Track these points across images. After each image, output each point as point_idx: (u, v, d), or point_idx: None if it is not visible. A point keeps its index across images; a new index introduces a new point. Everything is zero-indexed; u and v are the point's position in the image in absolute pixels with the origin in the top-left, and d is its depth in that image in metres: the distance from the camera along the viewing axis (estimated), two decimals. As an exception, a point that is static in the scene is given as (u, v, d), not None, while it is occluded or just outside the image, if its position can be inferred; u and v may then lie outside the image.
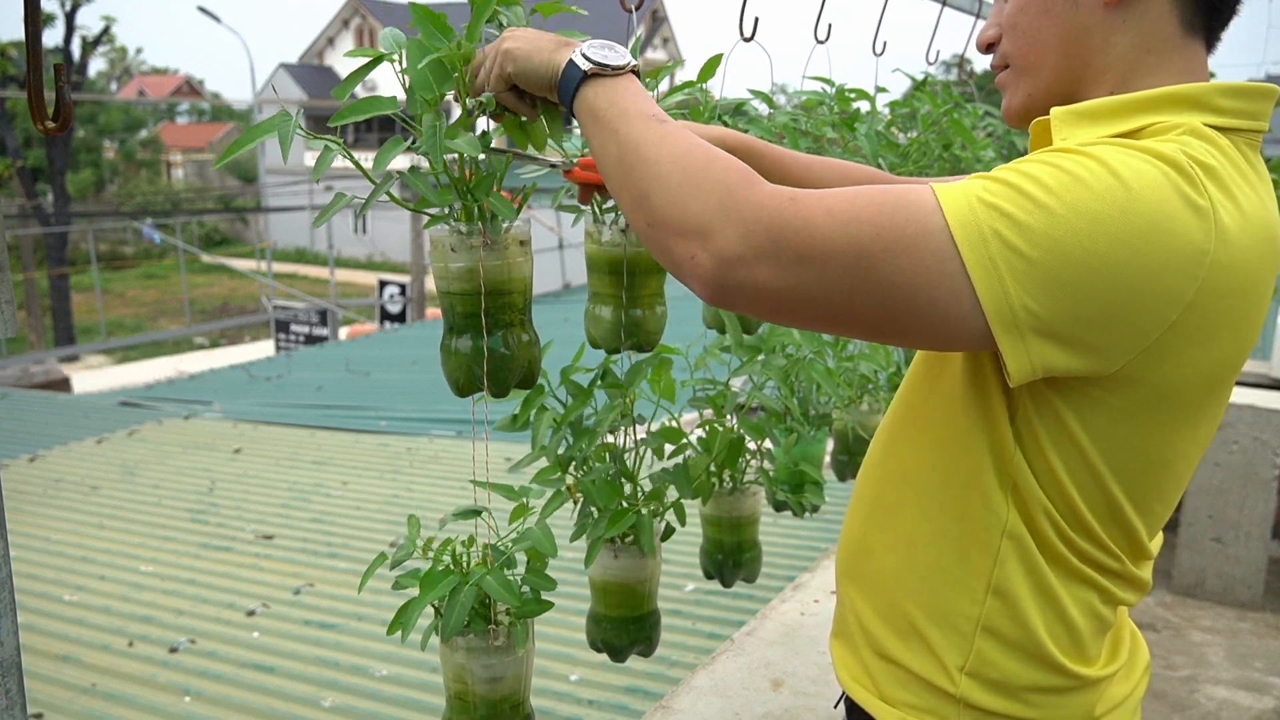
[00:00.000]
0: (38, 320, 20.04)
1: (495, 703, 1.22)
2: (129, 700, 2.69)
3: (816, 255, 0.77)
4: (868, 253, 0.76)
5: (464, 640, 1.20)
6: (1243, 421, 3.25)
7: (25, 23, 0.81)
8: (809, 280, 0.78)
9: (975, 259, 0.74)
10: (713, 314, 1.64)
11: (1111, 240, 0.73)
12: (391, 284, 16.59)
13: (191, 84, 43.95)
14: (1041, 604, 0.91)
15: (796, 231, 0.78)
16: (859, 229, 0.77)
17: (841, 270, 0.77)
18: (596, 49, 0.95)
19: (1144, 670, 1.06)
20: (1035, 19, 0.90)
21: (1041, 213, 0.74)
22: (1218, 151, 0.80)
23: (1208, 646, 3.04)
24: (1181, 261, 0.75)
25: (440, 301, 1.12)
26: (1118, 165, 0.75)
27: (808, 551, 3.43)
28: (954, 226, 0.75)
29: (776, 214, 0.79)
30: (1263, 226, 0.81)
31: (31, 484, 4.80)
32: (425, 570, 1.19)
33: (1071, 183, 0.74)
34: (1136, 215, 0.73)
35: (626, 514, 1.37)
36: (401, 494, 4.50)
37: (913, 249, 0.76)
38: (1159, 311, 0.76)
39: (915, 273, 0.76)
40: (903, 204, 0.77)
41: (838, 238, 0.77)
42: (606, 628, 1.51)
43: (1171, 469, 0.89)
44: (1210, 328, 0.79)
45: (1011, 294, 0.74)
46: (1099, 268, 0.73)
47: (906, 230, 0.76)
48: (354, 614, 3.16)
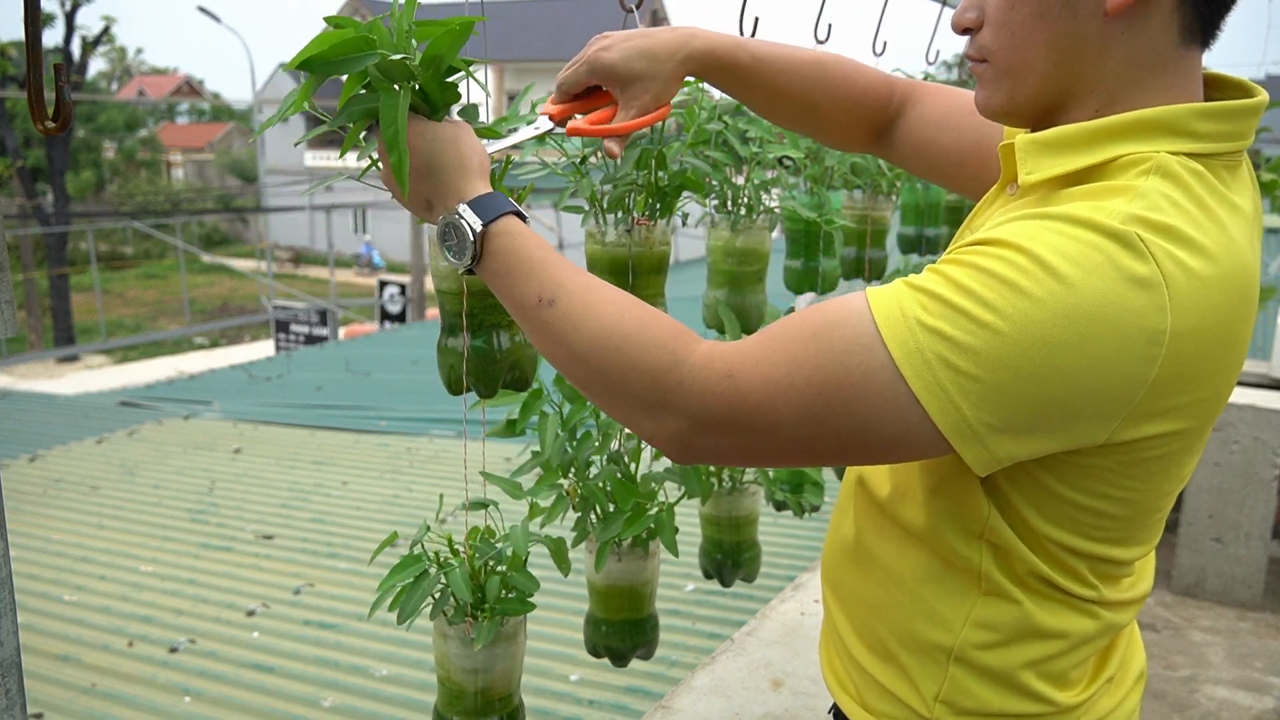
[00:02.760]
0: (38, 320, 20.04)
1: (476, 693, 1.23)
2: (129, 700, 2.69)
3: (766, 426, 0.78)
4: (816, 413, 0.77)
5: (450, 629, 1.22)
6: (1243, 421, 3.25)
7: (25, 23, 0.81)
8: (766, 443, 0.80)
9: (924, 387, 0.73)
10: (712, 314, 1.64)
11: (1060, 348, 0.71)
12: (391, 284, 16.59)
13: (191, 84, 43.94)
14: (1019, 633, 0.89)
15: (741, 411, 0.78)
16: (802, 393, 0.77)
17: (796, 432, 0.78)
18: (454, 234, 0.90)
19: (1136, 678, 1.02)
20: (1028, 21, 0.82)
21: (985, 333, 0.72)
22: (1182, 193, 0.76)
23: (1208, 646, 3.04)
24: (1135, 348, 0.72)
25: (438, 300, 1.12)
26: (1053, 260, 0.71)
27: (808, 551, 3.43)
28: (898, 359, 0.74)
29: (716, 399, 0.79)
30: (1234, 268, 0.76)
31: (31, 484, 4.80)
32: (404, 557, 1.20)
33: (1009, 293, 0.71)
34: (1081, 316, 0.70)
35: (643, 515, 1.37)
36: (401, 494, 4.50)
37: (861, 395, 0.75)
38: (1120, 397, 0.73)
39: (867, 415, 0.76)
40: (841, 348, 0.76)
41: (783, 409, 0.77)
42: (608, 632, 1.51)
43: (1162, 506, 0.87)
44: (1185, 386, 0.76)
45: (966, 414, 0.73)
46: (1049, 376, 0.71)
47: (850, 378, 0.75)
48: (354, 614, 3.16)
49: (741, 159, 1.54)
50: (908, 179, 2.10)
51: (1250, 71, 11.45)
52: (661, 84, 1.04)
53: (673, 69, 1.05)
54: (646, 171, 1.30)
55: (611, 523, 1.38)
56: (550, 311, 0.86)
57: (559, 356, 0.87)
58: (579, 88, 1.06)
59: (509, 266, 0.89)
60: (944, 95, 1.16)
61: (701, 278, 1.67)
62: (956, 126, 1.12)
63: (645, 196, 1.31)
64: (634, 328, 0.83)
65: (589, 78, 1.04)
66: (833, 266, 1.84)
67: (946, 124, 1.13)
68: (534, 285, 0.87)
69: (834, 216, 1.77)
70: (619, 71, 1.03)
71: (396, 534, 1.26)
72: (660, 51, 1.03)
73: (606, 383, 0.84)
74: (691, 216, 1.56)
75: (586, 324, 0.84)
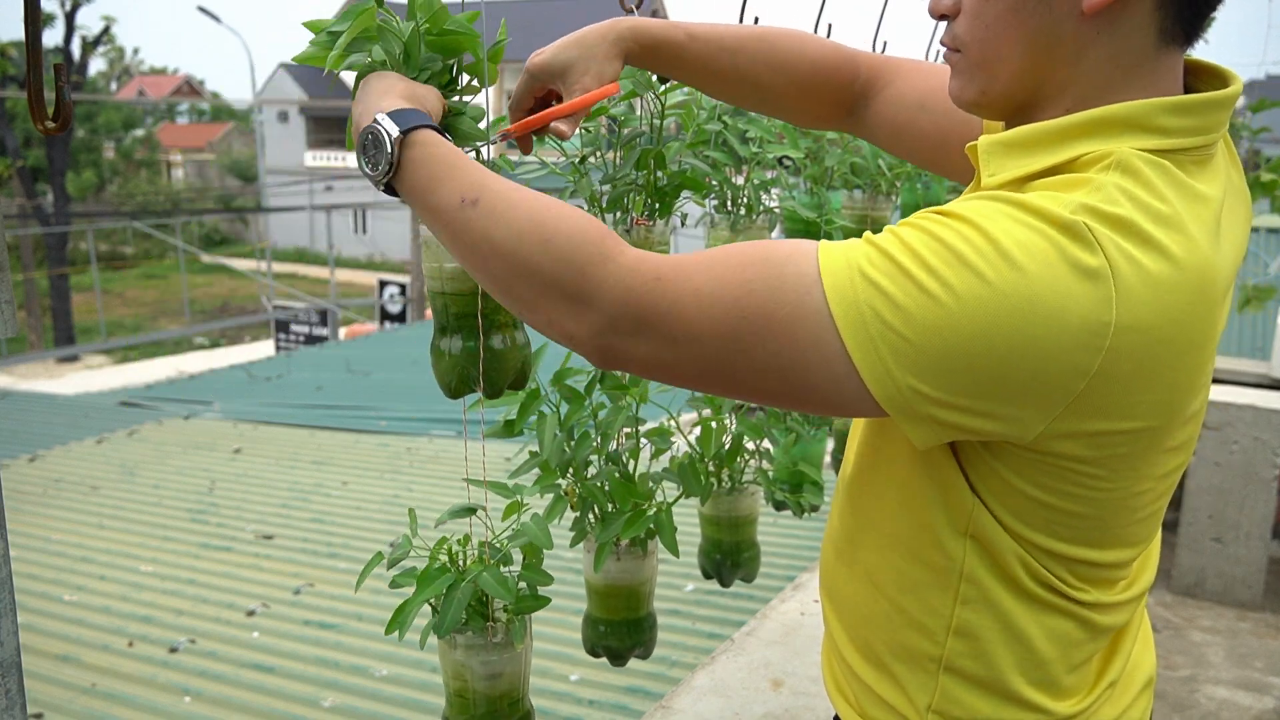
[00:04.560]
0: (38, 320, 20.04)
1: (494, 699, 1.22)
2: (129, 700, 2.69)
3: (686, 338, 0.77)
4: (737, 336, 0.75)
5: (462, 638, 1.20)
6: (1243, 421, 3.25)
7: (25, 23, 0.81)
8: (685, 357, 0.78)
9: (854, 337, 0.73)
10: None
11: (995, 326, 0.70)
12: (391, 284, 16.58)
13: (191, 84, 43.95)
14: (1007, 640, 0.87)
15: (663, 315, 0.77)
16: (726, 313, 0.75)
17: (715, 351, 0.77)
18: (372, 143, 0.89)
19: (1144, 685, 0.99)
20: (1003, 15, 0.81)
21: (922, 296, 0.71)
22: (1142, 189, 0.74)
23: (1208, 646, 3.04)
24: (1077, 338, 0.70)
25: (431, 302, 1.11)
26: (1004, 239, 0.71)
27: (807, 551, 3.43)
28: (833, 303, 0.73)
29: (641, 296, 0.78)
30: (1195, 270, 0.74)
31: (31, 484, 4.80)
32: (422, 569, 1.19)
33: (954, 262, 0.71)
34: (1022, 298, 0.69)
35: (643, 515, 1.37)
36: (401, 494, 4.50)
37: (788, 331, 0.74)
38: (1060, 385, 0.72)
39: (792, 354, 0.75)
40: (777, 279, 0.75)
41: (704, 323, 0.76)
42: (607, 632, 1.51)
43: (1136, 506, 0.84)
44: (1133, 384, 0.74)
45: (895, 376, 0.72)
46: (984, 352, 0.70)
47: (780, 311, 0.74)
48: (354, 614, 3.16)
49: (741, 159, 1.54)
50: (908, 179, 2.10)
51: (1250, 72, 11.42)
52: (598, 64, 1.04)
53: (606, 49, 1.05)
54: (646, 171, 1.30)
55: (611, 523, 1.38)
56: (473, 210, 0.84)
57: (481, 256, 0.84)
58: (528, 100, 1.07)
59: (429, 173, 0.87)
60: (922, 74, 1.12)
61: (701, 278, 1.67)
62: (936, 109, 1.09)
63: (644, 197, 1.31)
64: (562, 223, 0.81)
65: (530, 84, 1.06)
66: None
67: (925, 105, 1.10)
68: (455, 186, 0.86)
69: (834, 216, 1.77)
70: (553, 65, 1.04)
71: (380, 554, 1.25)
72: (590, 36, 1.04)
73: (530, 277, 0.81)
74: (691, 216, 1.56)
75: (512, 218, 0.82)
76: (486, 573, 1.16)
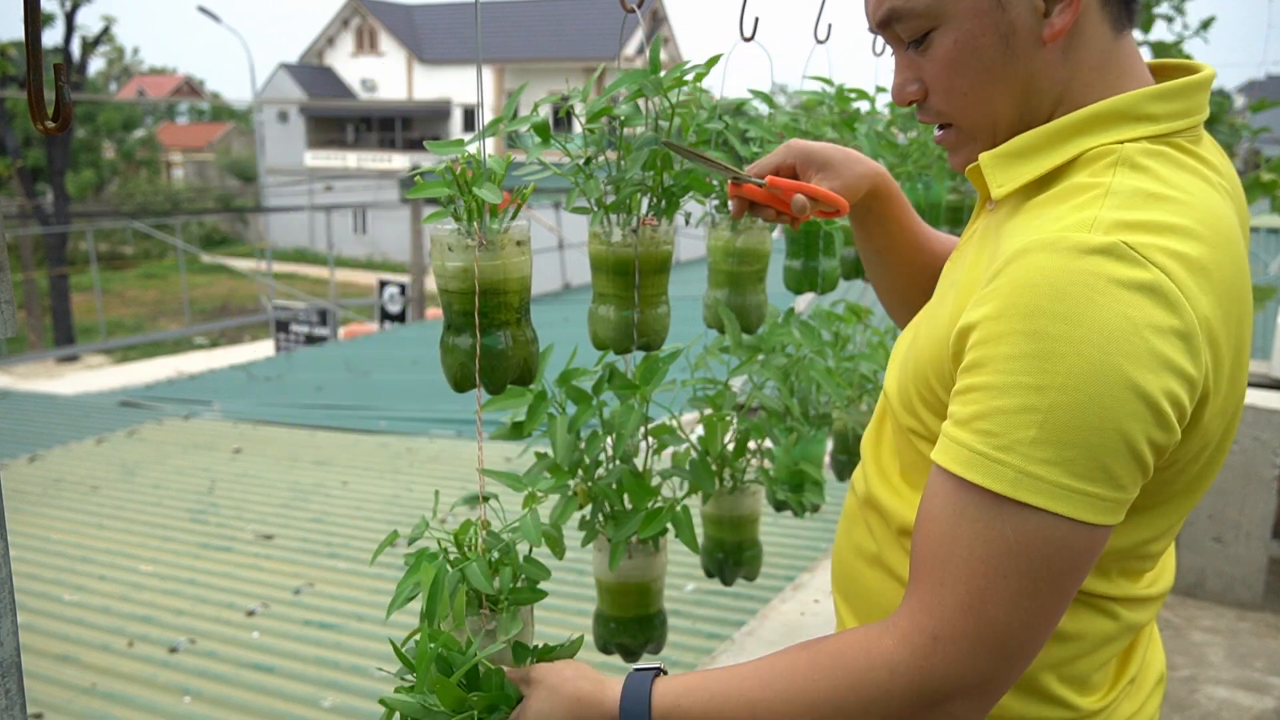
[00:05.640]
0: (38, 320, 20.04)
1: None
2: (129, 700, 2.69)
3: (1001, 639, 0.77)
4: (1032, 603, 0.76)
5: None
6: (1243, 421, 3.25)
7: (25, 23, 0.81)
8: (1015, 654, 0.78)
9: (1047, 499, 0.73)
10: (712, 314, 1.64)
11: (1105, 382, 0.71)
12: (391, 284, 16.58)
13: (191, 84, 43.94)
14: None
15: (978, 647, 0.77)
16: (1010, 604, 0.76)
17: (1024, 624, 0.77)
18: None
19: (1157, 681, 1.01)
20: (976, 79, 0.84)
21: (1042, 408, 0.72)
22: (1152, 181, 0.77)
23: (1208, 646, 3.04)
24: (1170, 361, 0.72)
25: (440, 299, 1.13)
26: (1053, 306, 0.72)
27: (808, 551, 3.43)
28: (1017, 496, 0.74)
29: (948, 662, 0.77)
30: (1222, 234, 0.78)
31: (31, 484, 4.80)
32: (413, 556, 1.20)
33: (1037, 362, 0.73)
34: (1105, 343, 0.71)
35: (660, 514, 1.37)
36: (401, 494, 4.50)
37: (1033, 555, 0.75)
38: (1185, 396, 0.74)
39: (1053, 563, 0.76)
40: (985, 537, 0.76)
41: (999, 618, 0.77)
42: (619, 629, 1.51)
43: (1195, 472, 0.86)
44: (1223, 352, 0.77)
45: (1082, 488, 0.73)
46: (1109, 413, 0.72)
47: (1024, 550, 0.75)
48: (354, 614, 3.16)
49: (742, 159, 1.54)
50: (908, 178, 2.10)
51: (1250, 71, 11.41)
52: (854, 178, 1.11)
53: (863, 170, 1.11)
54: (655, 171, 1.30)
55: (625, 521, 1.38)
56: None
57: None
58: (771, 167, 1.12)
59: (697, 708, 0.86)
60: None
61: (701, 278, 1.67)
62: None
63: (651, 196, 1.31)
64: (829, 676, 0.80)
65: (784, 155, 1.11)
66: (832, 266, 1.84)
67: None
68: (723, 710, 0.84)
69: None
70: (816, 154, 1.10)
71: (397, 533, 1.26)
72: (855, 154, 1.12)
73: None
74: (692, 217, 1.56)
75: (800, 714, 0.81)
76: (475, 563, 1.17)
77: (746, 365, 1.66)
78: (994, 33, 0.82)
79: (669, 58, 28.65)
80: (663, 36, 23.94)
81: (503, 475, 1.31)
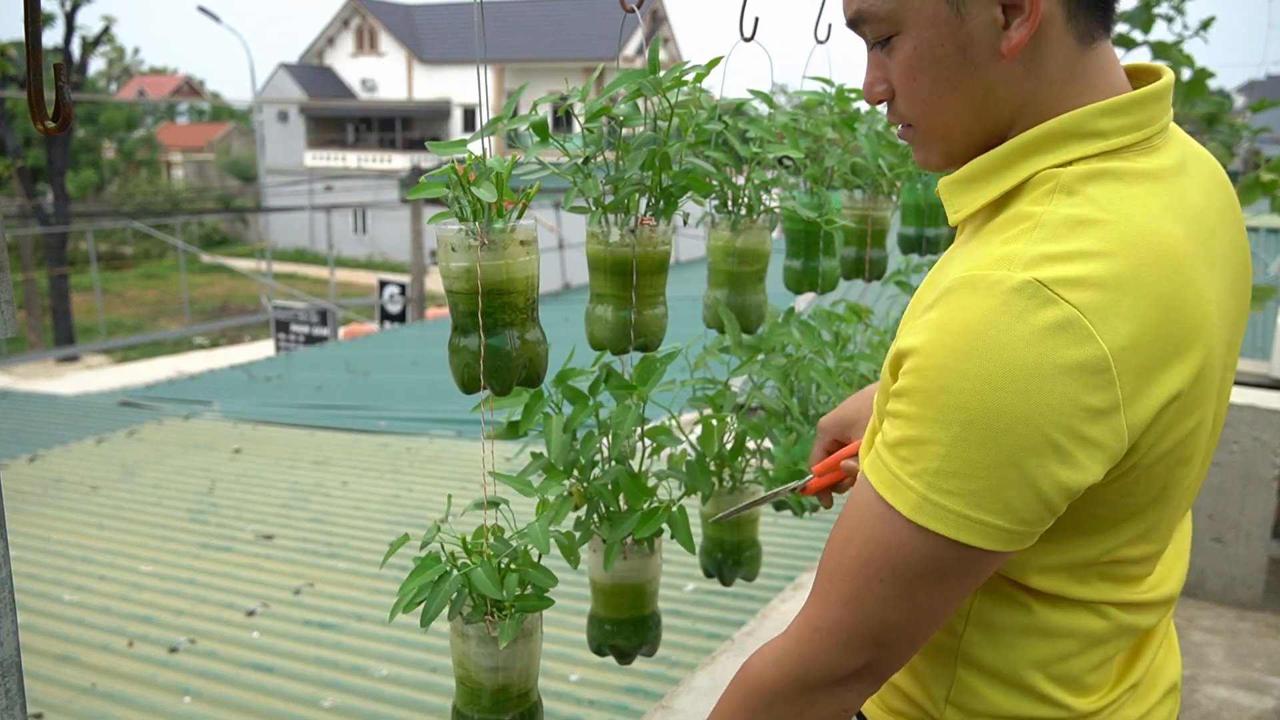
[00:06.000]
0: (38, 320, 20.04)
1: (497, 691, 1.24)
2: (129, 700, 2.69)
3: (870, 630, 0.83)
4: (905, 599, 0.82)
5: (468, 628, 1.22)
6: (1243, 421, 3.25)
7: (25, 23, 0.81)
8: (895, 641, 0.84)
9: (945, 526, 0.77)
10: (712, 314, 1.64)
11: (1008, 418, 0.74)
12: (391, 284, 16.58)
13: (191, 84, 43.95)
14: (1025, 633, 0.88)
15: (854, 636, 0.83)
16: (877, 592, 0.82)
17: (897, 617, 0.82)
18: None
19: (1168, 690, 0.99)
20: (933, 87, 0.84)
21: (946, 443, 0.75)
22: (1085, 204, 0.78)
23: (1208, 646, 3.04)
24: (1082, 384, 0.73)
25: (447, 299, 1.13)
26: (965, 344, 0.74)
27: (808, 551, 3.43)
28: (912, 516, 0.78)
29: (839, 647, 0.84)
30: (1138, 244, 0.77)
31: (31, 484, 4.80)
32: (421, 558, 1.20)
33: (940, 399, 0.76)
34: (1017, 378, 0.73)
35: (656, 514, 1.37)
36: (401, 494, 4.50)
37: (903, 563, 0.80)
38: (1105, 427, 0.74)
39: (920, 575, 0.80)
40: (866, 539, 0.82)
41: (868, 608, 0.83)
42: (613, 630, 1.51)
43: (1174, 506, 0.86)
44: (1165, 363, 0.76)
45: (993, 522, 0.76)
46: (1014, 445, 0.74)
47: (888, 552, 0.80)
48: (354, 614, 3.16)
49: (741, 159, 1.54)
50: (908, 178, 2.10)
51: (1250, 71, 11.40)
52: None
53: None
54: (653, 172, 1.30)
55: (621, 522, 1.38)
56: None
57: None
58: (821, 455, 1.16)
59: None
60: None
61: (701, 278, 1.67)
62: None
63: (649, 196, 1.31)
64: (739, 687, 0.89)
65: (822, 440, 1.16)
66: (832, 266, 1.84)
67: None
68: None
69: (834, 216, 1.77)
70: (842, 417, 1.14)
71: (408, 535, 1.26)
72: (869, 390, 1.14)
73: None
74: (691, 216, 1.56)
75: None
76: (480, 568, 1.17)
77: (746, 365, 1.66)
78: (952, 43, 0.82)
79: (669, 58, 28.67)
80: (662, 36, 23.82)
81: (513, 480, 1.32)
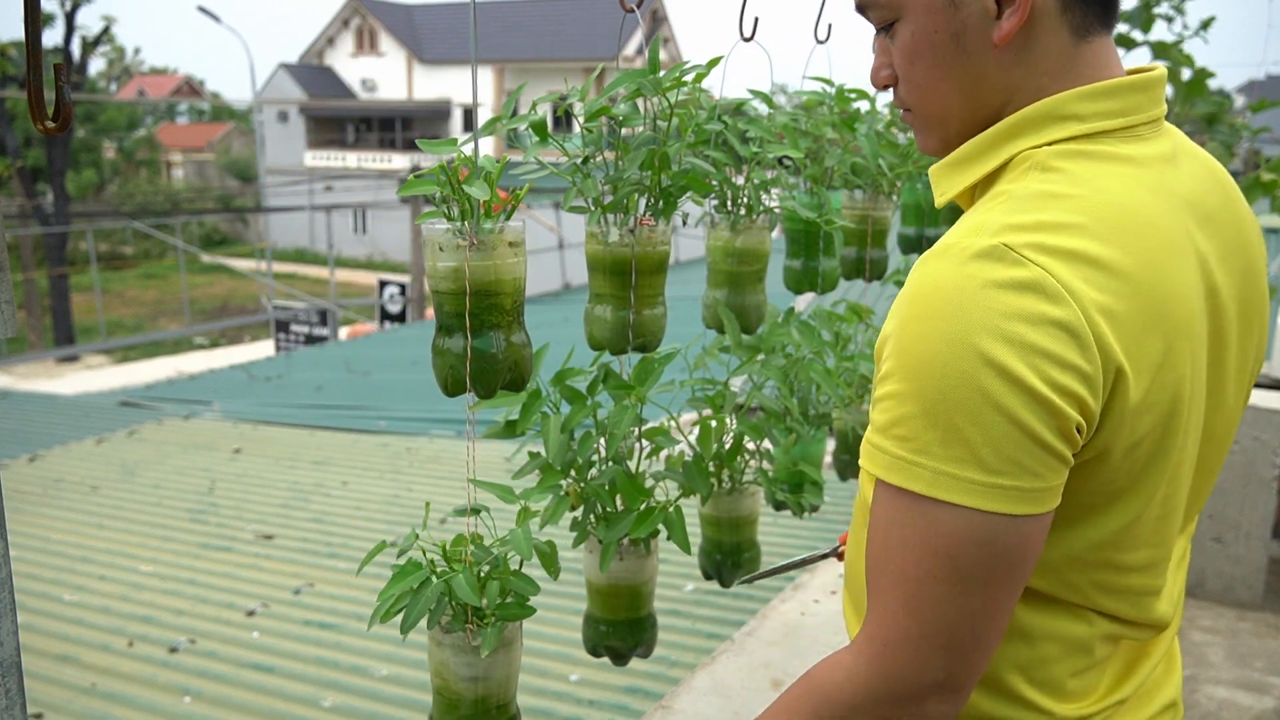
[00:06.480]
0: (38, 320, 20.04)
1: (475, 701, 1.22)
2: (129, 700, 2.69)
3: (945, 634, 0.80)
4: (962, 592, 0.79)
5: (447, 637, 1.20)
6: (1243, 421, 3.25)
7: (25, 23, 0.81)
8: (969, 643, 0.81)
9: (950, 492, 0.76)
10: (712, 314, 1.64)
11: (985, 378, 0.73)
12: (391, 284, 16.58)
13: (191, 84, 43.94)
14: (1006, 635, 0.87)
15: (921, 643, 0.80)
16: (942, 597, 0.79)
17: (966, 616, 0.79)
18: None
19: (1162, 708, 0.98)
20: (929, 73, 0.87)
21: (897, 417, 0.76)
22: (1058, 179, 0.79)
23: (1208, 646, 3.04)
24: (1048, 350, 0.73)
25: (432, 299, 1.12)
26: (930, 306, 0.75)
27: (807, 551, 3.43)
28: (940, 496, 0.76)
29: (901, 661, 0.81)
30: (1129, 228, 0.78)
31: (31, 484, 4.80)
32: (402, 564, 1.19)
33: (911, 360, 0.76)
34: (983, 343, 0.73)
35: (653, 514, 1.37)
36: (401, 494, 4.50)
37: (959, 548, 0.77)
38: (1087, 384, 0.74)
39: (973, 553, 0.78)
40: (908, 538, 0.79)
41: (939, 613, 0.80)
42: (609, 631, 1.50)
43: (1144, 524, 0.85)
44: (1148, 328, 0.77)
45: (973, 477, 0.75)
46: (989, 403, 0.73)
47: (943, 547, 0.78)
48: (354, 614, 3.16)
49: (741, 159, 1.54)
50: (908, 178, 2.10)
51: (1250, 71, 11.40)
52: None
53: None
54: (652, 172, 1.30)
55: (617, 522, 1.38)
56: None
57: None
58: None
59: None
60: None
61: (701, 278, 1.67)
62: None
63: (649, 197, 1.31)
64: (806, 701, 0.85)
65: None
66: (832, 266, 1.84)
67: None
68: None
69: (834, 216, 1.77)
70: None
71: (385, 543, 1.25)
72: None
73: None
74: (691, 216, 1.56)
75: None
76: (461, 576, 1.16)
77: (746, 365, 1.66)
78: (946, 30, 0.84)
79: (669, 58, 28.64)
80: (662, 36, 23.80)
81: (494, 487, 1.30)
